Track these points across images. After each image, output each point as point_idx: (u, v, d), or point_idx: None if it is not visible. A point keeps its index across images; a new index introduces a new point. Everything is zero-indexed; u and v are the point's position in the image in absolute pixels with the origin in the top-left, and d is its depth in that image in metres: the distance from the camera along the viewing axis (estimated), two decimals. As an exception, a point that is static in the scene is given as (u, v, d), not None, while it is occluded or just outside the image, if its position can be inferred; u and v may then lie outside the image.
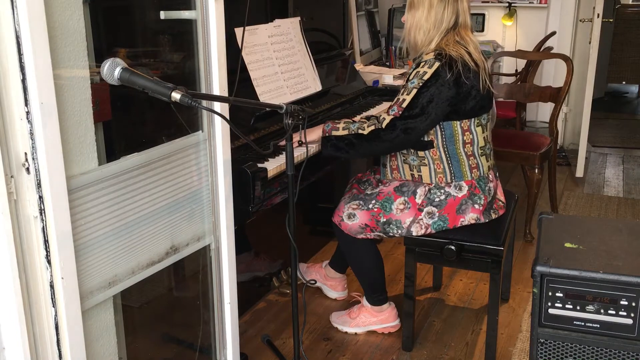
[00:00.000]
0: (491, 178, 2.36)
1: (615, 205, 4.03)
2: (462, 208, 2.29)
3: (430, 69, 2.17)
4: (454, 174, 2.29)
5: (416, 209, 2.31)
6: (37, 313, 1.41)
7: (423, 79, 2.17)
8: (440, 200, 2.29)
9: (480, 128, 2.28)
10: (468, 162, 2.28)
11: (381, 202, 2.35)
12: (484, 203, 2.31)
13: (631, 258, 1.70)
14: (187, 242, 1.85)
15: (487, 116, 2.31)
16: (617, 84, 7.19)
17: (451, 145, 2.26)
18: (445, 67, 2.15)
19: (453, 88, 2.16)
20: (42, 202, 1.34)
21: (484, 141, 2.31)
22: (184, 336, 2.16)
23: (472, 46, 2.24)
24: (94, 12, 1.58)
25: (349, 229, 2.40)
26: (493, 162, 2.41)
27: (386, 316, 2.59)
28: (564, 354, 1.72)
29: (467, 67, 2.18)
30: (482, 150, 2.31)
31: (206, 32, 1.77)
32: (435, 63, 2.16)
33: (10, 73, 1.27)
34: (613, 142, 5.47)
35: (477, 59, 2.22)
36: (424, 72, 2.18)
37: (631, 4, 7.01)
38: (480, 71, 2.22)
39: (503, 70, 5.22)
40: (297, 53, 2.75)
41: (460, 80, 2.16)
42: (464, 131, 2.25)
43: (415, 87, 2.18)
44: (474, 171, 2.30)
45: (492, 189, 2.35)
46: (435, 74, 2.16)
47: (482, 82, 2.21)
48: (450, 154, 2.27)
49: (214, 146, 1.87)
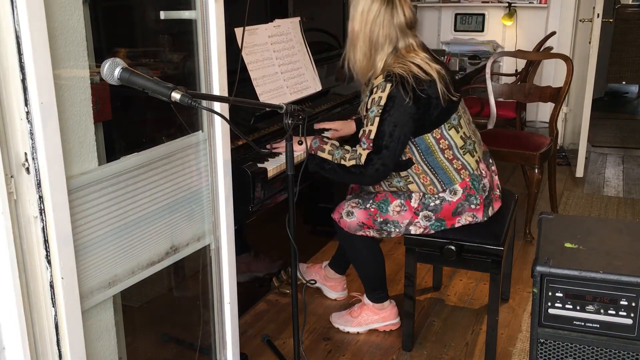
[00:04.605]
0: (484, 173, 2.32)
1: (615, 205, 4.03)
2: (458, 210, 2.29)
3: (383, 92, 2.14)
4: (443, 182, 2.27)
5: (412, 212, 2.31)
6: (37, 313, 1.41)
7: (381, 105, 2.14)
8: (435, 205, 2.29)
9: (453, 130, 2.24)
10: (452, 167, 2.26)
11: (378, 203, 2.35)
12: (480, 202, 2.30)
13: (631, 258, 1.70)
14: (187, 242, 1.85)
15: (457, 115, 2.26)
16: (617, 84, 7.19)
17: (430, 157, 2.24)
18: (398, 87, 2.11)
19: (412, 105, 2.12)
20: (42, 202, 1.34)
21: (462, 140, 2.27)
22: (184, 336, 2.16)
23: (419, 61, 2.16)
24: (94, 12, 1.59)
25: (348, 226, 2.41)
26: (481, 152, 2.36)
27: (388, 314, 2.59)
28: (564, 354, 1.72)
29: (419, 80, 2.13)
30: (464, 149, 2.27)
31: (206, 32, 1.77)
32: (387, 85, 2.13)
33: (10, 73, 1.27)
34: (613, 142, 5.47)
35: (429, 71, 2.15)
36: (379, 97, 2.15)
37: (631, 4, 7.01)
38: (437, 83, 2.16)
39: (503, 70, 5.22)
40: (297, 53, 2.75)
41: (417, 94, 2.12)
42: (438, 140, 2.22)
43: (377, 115, 2.15)
44: (462, 172, 2.27)
45: (486, 185, 2.32)
46: (390, 97, 2.12)
47: (440, 93, 2.16)
48: (432, 165, 2.25)
49: (214, 146, 1.87)
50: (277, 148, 2.37)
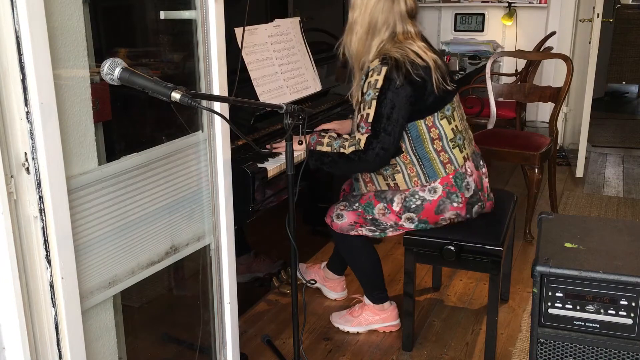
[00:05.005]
0: (470, 171, 2.31)
1: (615, 205, 4.03)
2: (440, 208, 2.29)
3: (379, 75, 2.14)
4: (427, 175, 2.26)
5: (395, 215, 2.32)
6: (37, 313, 1.41)
7: (377, 87, 2.15)
8: (416, 206, 2.29)
9: (445, 121, 2.25)
10: (439, 159, 2.25)
11: (364, 205, 2.36)
12: (462, 200, 2.29)
13: (631, 258, 1.70)
14: (187, 242, 1.85)
15: (451, 106, 2.27)
16: (617, 84, 7.19)
17: (419, 146, 2.24)
18: (393, 69, 2.12)
19: (408, 86, 2.13)
20: (42, 202, 1.34)
21: (453, 132, 2.27)
22: (184, 336, 2.16)
23: (416, 48, 2.18)
24: (94, 12, 1.59)
25: (340, 227, 2.43)
26: (471, 151, 2.36)
27: (388, 315, 2.59)
28: (564, 354, 1.72)
29: (415, 65, 2.14)
30: (454, 143, 2.27)
31: (206, 32, 1.77)
32: (383, 68, 2.14)
33: (10, 73, 1.27)
34: (613, 142, 5.47)
35: (425, 58, 2.17)
36: (375, 80, 2.15)
37: (631, 4, 7.01)
38: (432, 71, 2.17)
39: (503, 70, 5.22)
40: (297, 53, 2.75)
41: (411, 77, 2.13)
42: (429, 128, 2.23)
43: (373, 98, 2.15)
44: (448, 166, 2.26)
45: (470, 184, 2.31)
46: (387, 79, 2.13)
47: (435, 81, 2.17)
48: (420, 155, 2.25)
49: (214, 146, 1.87)
50: (277, 148, 2.37)
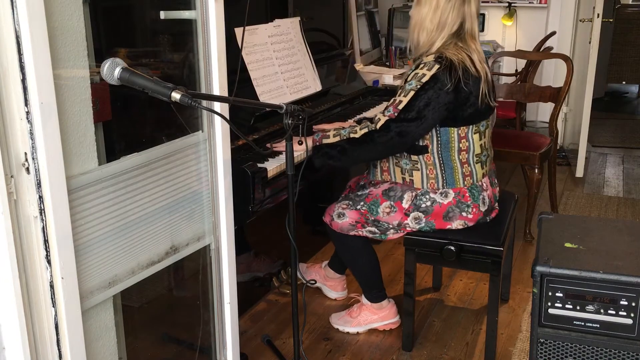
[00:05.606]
0: (485, 186, 2.31)
1: (615, 205, 4.03)
2: (449, 215, 2.28)
3: (429, 71, 2.13)
4: (445, 181, 2.26)
5: (402, 213, 2.31)
6: (37, 313, 1.41)
7: (421, 81, 2.13)
8: (426, 207, 2.28)
9: (477, 135, 2.24)
10: (462, 170, 2.25)
11: (369, 204, 2.35)
12: (473, 212, 2.28)
13: (631, 258, 1.70)
14: (187, 242, 1.85)
15: (486, 123, 2.27)
16: (617, 84, 7.19)
17: (446, 152, 2.22)
18: (444, 71, 2.10)
19: (451, 93, 2.11)
20: (42, 202, 1.34)
21: (481, 149, 2.27)
22: (184, 336, 2.16)
23: (476, 55, 2.17)
24: (94, 12, 1.58)
25: (340, 227, 2.41)
26: (489, 169, 2.36)
27: (386, 313, 2.59)
28: (564, 354, 1.72)
29: (467, 73, 2.12)
30: (478, 158, 2.27)
31: (206, 32, 1.77)
32: (435, 66, 2.12)
33: (10, 73, 1.27)
34: (613, 142, 5.47)
35: (479, 68, 2.16)
36: (422, 74, 2.14)
37: (631, 4, 7.01)
38: (482, 82, 2.16)
39: (503, 70, 5.21)
40: (297, 53, 2.75)
41: (460, 85, 2.11)
42: (461, 138, 2.21)
43: (413, 89, 2.14)
44: (467, 179, 2.26)
45: (486, 199, 2.31)
46: (434, 77, 2.11)
47: (481, 93, 2.16)
48: (444, 161, 2.24)
49: (214, 146, 1.87)
50: (277, 148, 2.37)
